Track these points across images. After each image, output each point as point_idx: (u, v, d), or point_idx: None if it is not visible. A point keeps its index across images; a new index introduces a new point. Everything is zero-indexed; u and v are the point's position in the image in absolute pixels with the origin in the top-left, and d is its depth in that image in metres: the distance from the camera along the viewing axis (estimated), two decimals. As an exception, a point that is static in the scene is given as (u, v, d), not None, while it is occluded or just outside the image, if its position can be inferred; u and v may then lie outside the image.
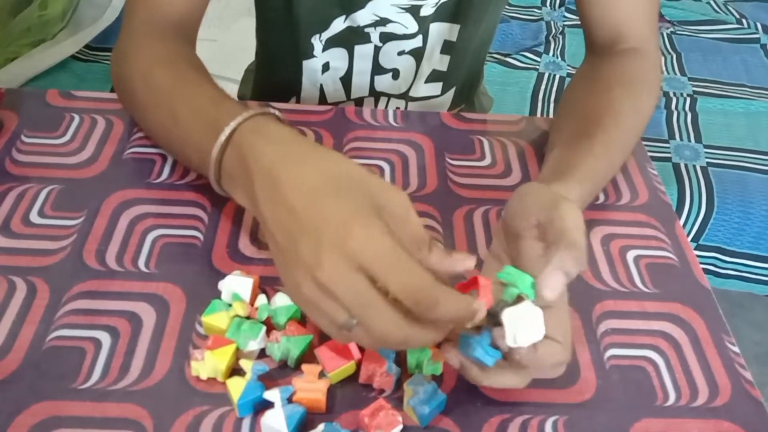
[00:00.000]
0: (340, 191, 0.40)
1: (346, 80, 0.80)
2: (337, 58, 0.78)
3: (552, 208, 0.45)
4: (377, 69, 0.79)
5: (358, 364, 0.46)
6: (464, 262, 0.41)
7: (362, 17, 0.73)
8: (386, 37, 0.76)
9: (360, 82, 0.80)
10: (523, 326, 0.41)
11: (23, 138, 0.63)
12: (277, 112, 0.51)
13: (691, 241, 1.25)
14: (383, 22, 0.74)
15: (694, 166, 1.28)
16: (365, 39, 0.76)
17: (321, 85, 0.81)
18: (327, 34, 0.75)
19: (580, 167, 0.54)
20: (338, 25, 0.75)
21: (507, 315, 0.41)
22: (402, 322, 0.38)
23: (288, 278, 0.41)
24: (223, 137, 0.47)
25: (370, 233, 0.38)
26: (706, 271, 1.27)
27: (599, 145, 0.57)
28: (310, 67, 0.79)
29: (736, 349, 0.52)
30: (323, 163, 0.42)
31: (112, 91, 0.67)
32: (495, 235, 0.50)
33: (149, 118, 0.59)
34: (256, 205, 0.44)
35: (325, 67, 0.79)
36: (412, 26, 0.75)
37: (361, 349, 0.46)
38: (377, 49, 0.77)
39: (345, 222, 0.38)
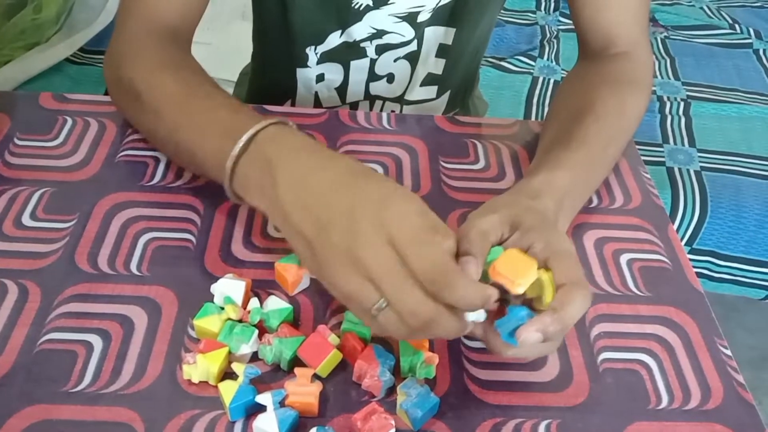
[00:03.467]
0: (370, 179, 0.43)
1: (341, 89, 0.80)
2: (332, 71, 0.78)
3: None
4: (372, 77, 0.79)
5: (350, 359, 0.47)
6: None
7: (358, 31, 0.73)
8: (382, 49, 0.76)
9: (355, 90, 0.81)
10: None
11: (16, 141, 0.63)
12: (290, 122, 0.52)
13: (685, 245, 1.25)
14: (379, 34, 0.74)
15: (688, 170, 1.29)
16: (361, 54, 0.76)
17: (316, 92, 0.81)
18: (322, 48, 0.75)
19: (551, 160, 0.55)
20: (334, 40, 0.75)
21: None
22: (430, 301, 0.39)
23: (322, 268, 0.42)
24: (241, 142, 0.48)
25: (405, 209, 0.40)
26: (700, 275, 1.28)
27: (575, 141, 0.57)
28: (305, 75, 0.79)
29: (728, 352, 0.52)
30: (347, 161, 0.45)
31: (105, 93, 0.67)
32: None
33: (153, 124, 0.58)
34: (280, 208, 0.45)
35: (320, 77, 0.79)
36: (409, 34, 0.75)
37: (361, 349, 0.46)
38: (373, 62, 0.77)
39: (383, 198, 0.40)
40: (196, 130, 0.53)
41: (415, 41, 0.76)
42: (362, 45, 0.75)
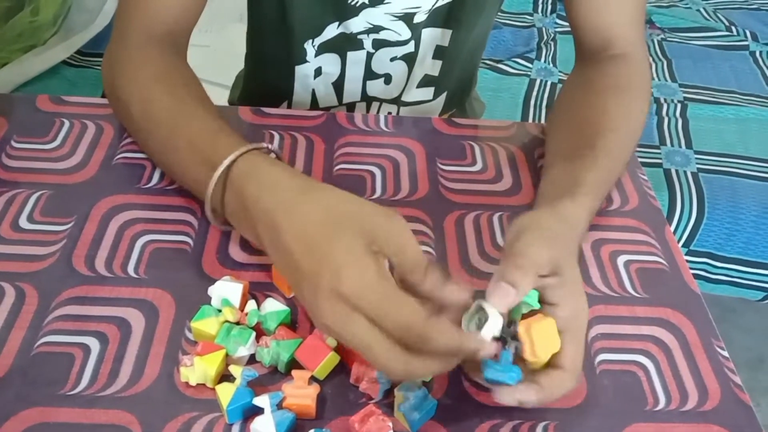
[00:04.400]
0: (332, 233, 0.42)
1: (338, 85, 0.80)
2: (330, 63, 0.78)
3: (513, 236, 0.45)
4: (369, 74, 0.79)
5: (348, 361, 0.47)
6: (458, 294, 0.42)
7: (355, 24, 0.73)
8: (379, 44, 0.76)
9: (352, 88, 0.81)
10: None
11: (13, 143, 0.63)
12: (269, 146, 0.52)
13: (682, 246, 1.25)
14: (376, 29, 0.74)
15: (685, 172, 1.29)
16: (358, 46, 0.76)
17: (313, 90, 0.81)
18: (320, 40, 0.75)
19: (587, 181, 0.54)
20: (331, 31, 0.75)
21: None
22: (402, 356, 0.40)
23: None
24: (216, 176, 0.49)
25: (360, 275, 0.40)
26: (697, 277, 1.28)
27: (602, 158, 0.57)
28: (302, 72, 0.79)
29: (725, 353, 0.52)
30: (314, 205, 0.44)
31: (103, 96, 0.67)
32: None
33: (146, 140, 0.59)
34: (262, 244, 0.47)
35: (317, 72, 0.79)
36: (405, 33, 0.75)
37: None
38: (370, 56, 0.77)
39: (337, 268, 0.40)
40: (180, 158, 0.54)
41: (412, 42, 0.76)
42: (359, 37, 0.75)
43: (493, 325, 0.41)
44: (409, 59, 0.78)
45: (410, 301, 0.40)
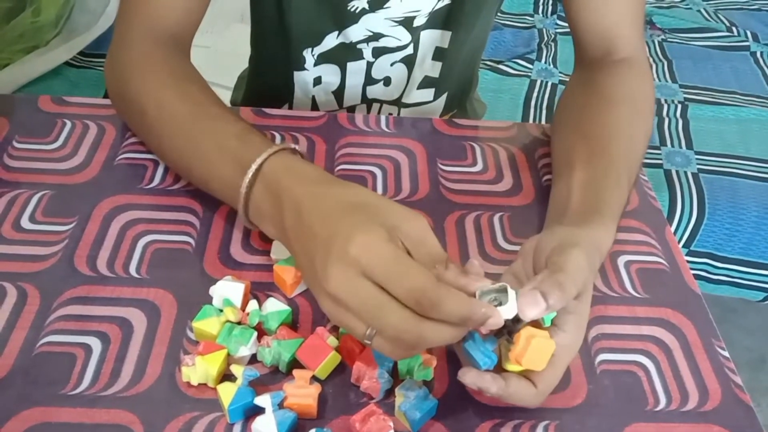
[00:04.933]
0: (352, 212, 0.43)
1: (339, 93, 0.80)
2: (329, 73, 0.78)
3: (559, 250, 0.45)
4: (369, 80, 0.79)
5: (349, 361, 0.47)
6: (479, 282, 0.42)
7: (355, 33, 0.73)
8: (379, 52, 0.76)
9: (352, 93, 0.81)
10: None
11: (15, 143, 0.63)
12: (297, 147, 0.53)
13: (683, 247, 1.25)
14: (376, 37, 0.74)
15: (686, 173, 1.29)
16: (358, 56, 0.76)
17: (313, 96, 0.81)
18: (319, 50, 0.75)
19: (612, 202, 0.53)
20: (331, 41, 0.75)
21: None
22: (414, 320, 0.39)
23: (315, 296, 0.44)
24: (250, 173, 0.49)
25: (370, 240, 0.40)
26: (698, 277, 1.28)
27: (624, 175, 0.56)
28: (302, 79, 0.79)
29: (726, 353, 0.52)
30: (343, 195, 0.45)
31: (105, 96, 0.67)
32: (522, 256, 0.49)
33: (161, 144, 0.59)
34: (285, 234, 0.47)
35: (317, 80, 0.79)
36: (405, 38, 0.75)
37: (360, 351, 0.47)
38: (369, 65, 0.77)
39: (349, 233, 0.41)
40: (206, 159, 0.54)
41: (412, 45, 0.77)
42: (359, 47, 0.75)
43: (508, 311, 0.41)
44: (409, 62, 0.78)
45: (421, 267, 0.40)
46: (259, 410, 0.43)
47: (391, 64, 0.78)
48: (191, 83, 0.59)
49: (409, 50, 0.77)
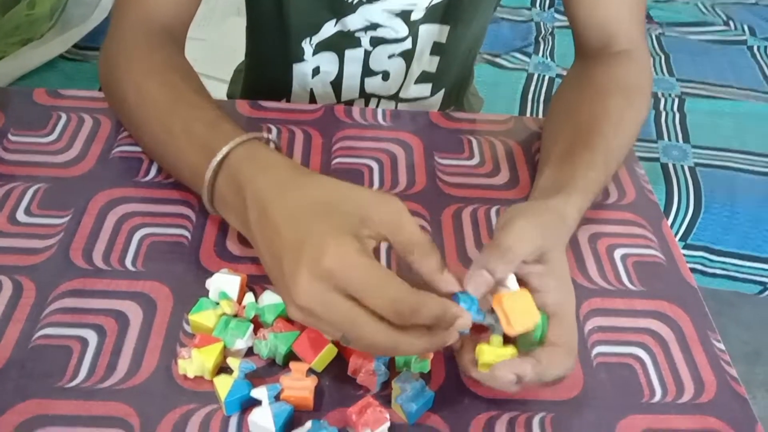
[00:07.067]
0: (321, 212, 0.41)
1: (337, 84, 0.80)
2: (327, 62, 0.78)
3: (503, 224, 0.46)
4: (367, 72, 0.79)
5: (345, 353, 0.47)
6: (452, 287, 0.43)
7: (353, 22, 0.73)
8: (376, 41, 0.76)
9: (350, 85, 0.81)
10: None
11: (10, 136, 0.63)
12: (269, 136, 0.52)
13: (679, 240, 1.26)
14: (374, 26, 0.74)
15: (682, 166, 1.29)
16: (355, 43, 0.76)
17: (311, 89, 0.81)
18: (317, 38, 0.75)
19: (581, 179, 0.54)
20: (329, 29, 0.75)
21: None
22: (388, 332, 0.39)
23: (284, 301, 0.43)
24: (215, 162, 0.48)
25: (343, 252, 0.39)
26: (694, 270, 1.28)
27: (600, 156, 0.57)
28: (300, 71, 0.79)
29: (721, 346, 0.52)
30: (309, 189, 0.43)
31: (100, 90, 0.66)
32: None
33: (141, 132, 0.58)
34: (248, 229, 0.46)
35: (316, 71, 0.79)
36: (403, 30, 0.75)
37: None
38: (367, 54, 0.77)
39: (320, 243, 0.39)
40: (176, 147, 0.53)
41: (410, 39, 0.76)
42: (357, 35, 0.75)
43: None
44: (407, 56, 0.78)
45: (395, 277, 0.39)
46: (256, 402, 0.43)
47: (389, 57, 0.78)
48: (175, 73, 0.58)
49: (407, 44, 0.77)
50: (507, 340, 0.44)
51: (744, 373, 1.36)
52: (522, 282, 0.45)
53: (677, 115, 1.42)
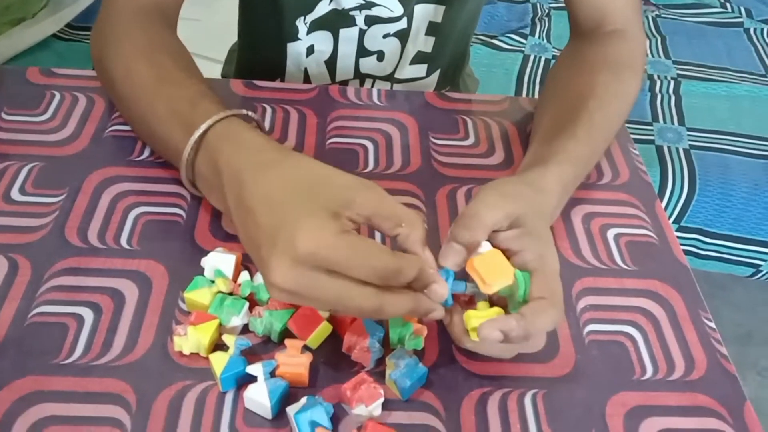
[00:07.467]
0: (296, 195, 0.41)
1: (331, 63, 0.80)
2: (322, 41, 0.78)
3: (472, 199, 0.46)
4: (362, 52, 0.79)
5: (340, 331, 0.47)
6: (431, 263, 0.43)
7: (347, 0, 0.73)
8: (371, 20, 0.75)
9: (345, 65, 0.80)
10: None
11: (3, 115, 0.63)
12: (250, 113, 0.51)
13: (673, 222, 1.26)
14: (368, 5, 0.73)
15: (677, 149, 1.30)
16: (350, 22, 0.76)
17: (305, 69, 0.81)
18: (311, 17, 0.75)
19: (561, 151, 0.54)
20: (323, 7, 0.74)
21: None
22: (374, 293, 0.40)
23: (263, 280, 0.42)
24: (193, 139, 0.48)
25: (319, 234, 0.38)
26: (688, 253, 1.29)
27: (582, 129, 0.57)
28: (295, 50, 0.78)
29: (712, 324, 0.53)
30: (287, 170, 0.43)
31: (93, 69, 0.66)
32: None
33: (130, 111, 0.58)
34: (227, 209, 0.45)
35: (310, 50, 0.78)
36: (398, 10, 0.74)
37: (351, 321, 0.47)
38: (362, 33, 0.77)
39: (294, 228, 0.39)
40: (160, 124, 0.53)
41: (405, 19, 0.76)
42: (351, 14, 0.74)
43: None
44: (402, 36, 0.78)
45: (373, 244, 0.39)
46: (251, 379, 0.44)
47: (384, 37, 0.77)
48: (163, 52, 0.58)
49: (403, 24, 0.76)
50: (495, 306, 0.45)
51: (736, 355, 1.37)
52: (501, 251, 0.45)
53: (673, 98, 1.42)
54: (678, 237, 0.60)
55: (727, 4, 1.72)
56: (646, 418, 0.46)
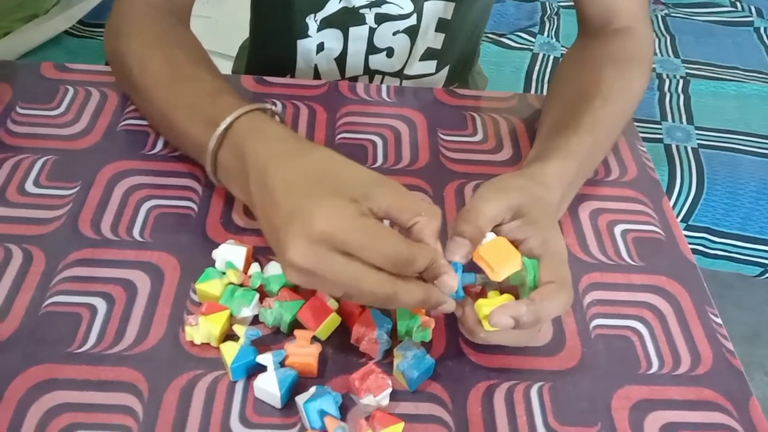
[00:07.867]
0: (317, 181, 0.42)
1: (341, 60, 0.80)
2: (332, 39, 0.78)
3: (473, 197, 0.47)
4: (372, 49, 0.79)
5: (349, 322, 0.48)
6: (447, 273, 0.43)
7: None
8: (381, 18, 0.76)
9: (354, 62, 0.81)
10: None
11: (18, 109, 0.63)
12: (272, 107, 0.52)
13: (681, 221, 1.26)
14: (378, 3, 0.74)
15: (686, 148, 1.29)
16: (360, 20, 0.76)
17: (315, 65, 0.81)
18: (322, 14, 0.75)
19: (563, 147, 0.55)
20: (333, 5, 0.75)
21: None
22: (388, 279, 0.40)
23: (280, 263, 0.44)
24: (218, 132, 0.49)
25: (336, 215, 0.39)
26: (696, 252, 1.29)
27: (585, 125, 0.57)
28: (305, 47, 0.79)
29: (718, 320, 0.53)
30: (310, 159, 0.44)
31: (106, 64, 0.67)
32: None
33: (147, 105, 0.59)
34: (251, 201, 0.46)
35: (320, 47, 0.79)
36: (408, 7, 0.75)
37: (359, 313, 0.47)
38: (372, 31, 0.77)
39: (312, 208, 0.40)
40: (180, 117, 0.54)
41: (415, 15, 0.76)
42: (361, 11, 0.75)
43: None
44: (412, 32, 0.78)
45: (389, 231, 0.40)
46: (261, 368, 0.45)
47: (394, 34, 0.78)
48: (177, 47, 0.58)
49: (412, 20, 0.77)
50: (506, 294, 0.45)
51: (743, 355, 1.37)
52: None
53: (681, 97, 1.42)
54: (686, 236, 0.60)
55: (738, 4, 1.71)
56: (652, 411, 0.47)
